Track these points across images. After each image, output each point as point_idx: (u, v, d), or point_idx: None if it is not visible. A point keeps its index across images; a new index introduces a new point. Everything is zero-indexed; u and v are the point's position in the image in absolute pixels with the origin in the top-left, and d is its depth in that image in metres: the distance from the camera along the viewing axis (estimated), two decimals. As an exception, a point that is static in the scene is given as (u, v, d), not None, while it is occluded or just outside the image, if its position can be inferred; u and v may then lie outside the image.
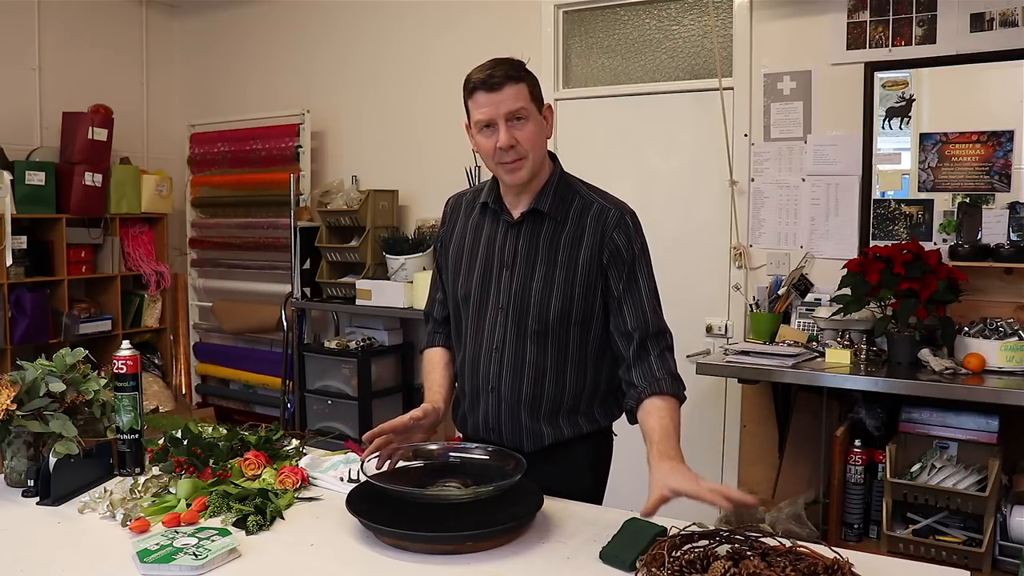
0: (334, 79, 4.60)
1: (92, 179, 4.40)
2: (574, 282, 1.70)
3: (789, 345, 3.10)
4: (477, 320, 1.77)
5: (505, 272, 1.74)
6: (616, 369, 1.75)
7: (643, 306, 1.70)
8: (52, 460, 1.65)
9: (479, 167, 3.79)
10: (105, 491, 1.63)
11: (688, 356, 3.25)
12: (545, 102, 1.72)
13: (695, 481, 1.41)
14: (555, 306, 1.70)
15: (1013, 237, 2.88)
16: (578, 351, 1.74)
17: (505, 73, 1.62)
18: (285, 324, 4.46)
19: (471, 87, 1.65)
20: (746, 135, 3.45)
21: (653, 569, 1.22)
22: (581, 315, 1.71)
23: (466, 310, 1.79)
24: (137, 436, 1.80)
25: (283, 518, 1.57)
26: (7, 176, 4.12)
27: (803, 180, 3.36)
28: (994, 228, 2.94)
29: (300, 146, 4.53)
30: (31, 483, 1.70)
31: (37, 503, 1.66)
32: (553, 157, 1.78)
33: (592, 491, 1.81)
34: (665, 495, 1.38)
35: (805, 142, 3.35)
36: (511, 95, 1.62)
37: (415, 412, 1.72)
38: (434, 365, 1.89)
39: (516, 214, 1.75)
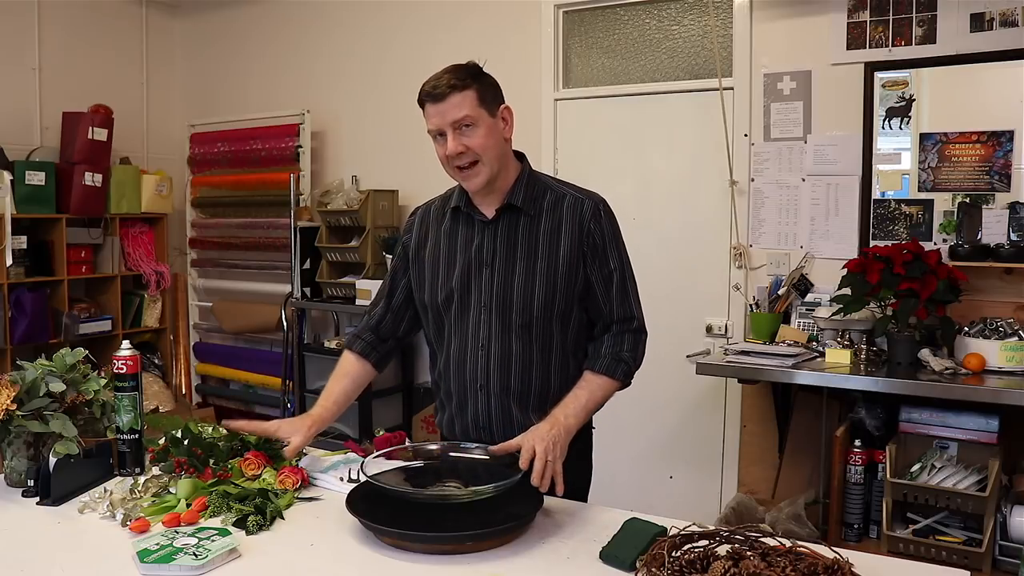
0: (334, 79, 4.60)
1: (92, 179, 4.40)
2: (556, 273, 1.74)
3: (789, 345, 3.10)
4: (460, 321, 1.80)
5: (485, 271, 1.77)
6: None
7: (614, 292, 1.77)
8: (52, 460, 1.65)
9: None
10: (105, 491, 1.63)
11: (688, 356, 3.25)
12: (504, 104, 1.74)
13: (527, 438, 1.58)
14: (538, 298, 1.74)
15: (1013, 237, 2.88)
16: (561, 343, 1.78)
17: (449, 82, 1.66)
18: (285, 324, 4.47)
19: (420, 99, 1.70)
20: (746, 135, 3.45)
21: (653, 569, 1.22)
22: (564, 305, 1.75)
23: (448, 313, 1.81)
24: (137, 436, 1.80)
25: (283, 518, 1.57)
26: (7, 176, 4.12)
27: (803, 180, 3.36)
28: (994, 228, 2.94)
29: (300, 146, 4.53)
30: (31, 483, 1.70)
31: (37, 503, 1.66)
32: (521, 156, 1.83)
33: (583, 484, 1.86)
34: (514, 445, 1.59)
35: (805, 142, 3.35)
36: (456, 103, 1.66)
37: (296, 442, 1.75)
38: (341, 373, 1.91)
39: (489, 213, 1.78)
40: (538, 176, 1.83)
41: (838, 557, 1.21)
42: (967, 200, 3.02)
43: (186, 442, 1.81)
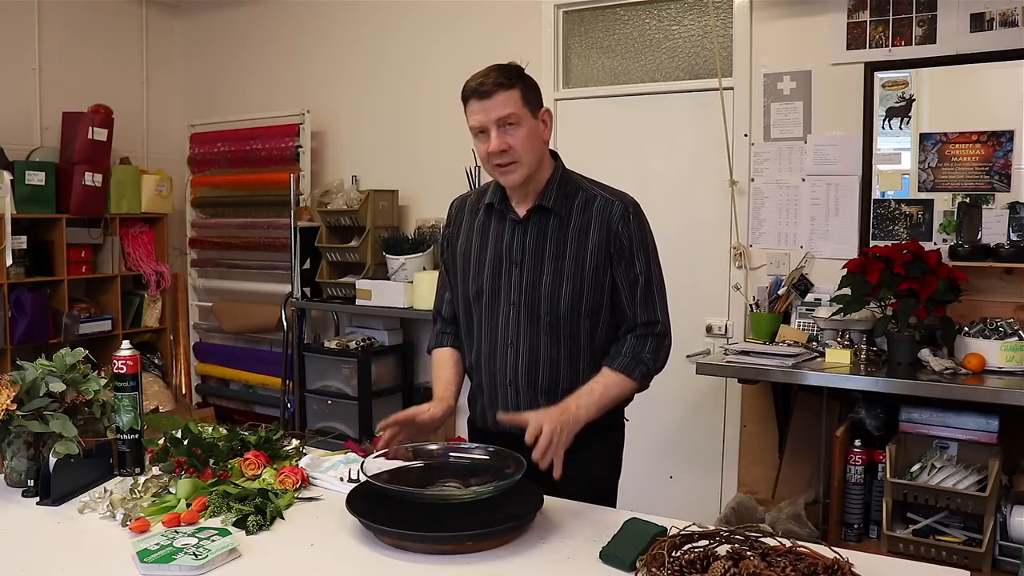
0: (334, 79, 4.60)
1: (92, 179, 4.40)
2: (583, 274, 1.75)
3: (789, 345, 3.10)
4: (490, 317, 1.82)
5: (515, 269, 1.79)
6: None
7: (639, 296, 1.77)
8: (52, 460, 1.65)
9: (479, 167, 3.78)
10: (105, 491, 1.63)
11: (688, 356, 3.25)
12: (544, 107, 1.77)
13: (538, 416, 1.59)
14: (565, 299, 1.75)
15: (1013, 237, 2.88)
16: (589, 341, 1.79)
17: (496, 80, 1.68)
18: (285, 324, 4.46)
19: (465, 95, 1.72)
20: (746, 135, 3.45)
21: (653, 569, 1.22)
22: (591, 306, 1.77)
23: (478, 308, 1.84)
24: (137, 436, 1.80)
25: (283, 518, 1.58)
26: (7, 176, 4.12)
27: (803, 180, 3.36)
28: (994, 228, 2.94)
29: (300, 146, 4.53)
30: (31, 483, 1.71)
31: (37, 503, 1.66)
32: (555, 155, 1.84)
33: (610, 477, 1.88)
34: (524, 419, 1.60)
35: (805, 142, 3.35)
36: (501, 102, 1.68)
37: (434, 411, 1.75)
38: (444, 363, 1.93)
39: (521, 212, 1.80)
40: (571, 176, 1.84)
41: (838, 557, 1.21)
42: (967, 200, 3.02)
43: (186, 442, 1.82)
